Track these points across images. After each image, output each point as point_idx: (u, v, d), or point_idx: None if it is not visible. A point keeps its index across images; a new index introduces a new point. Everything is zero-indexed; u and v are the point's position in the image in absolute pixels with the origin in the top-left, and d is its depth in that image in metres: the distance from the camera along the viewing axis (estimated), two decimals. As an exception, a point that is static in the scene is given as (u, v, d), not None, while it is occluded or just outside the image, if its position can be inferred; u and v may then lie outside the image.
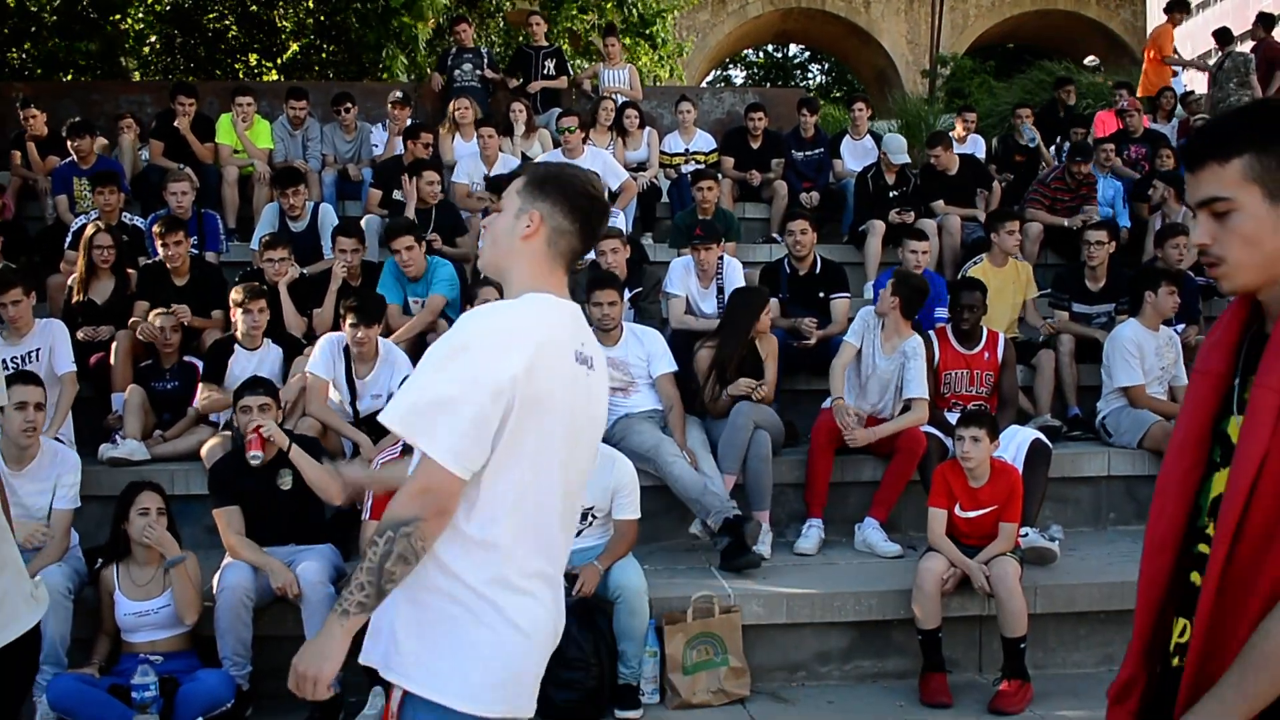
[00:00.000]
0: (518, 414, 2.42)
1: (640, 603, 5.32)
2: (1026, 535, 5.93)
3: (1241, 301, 2.09)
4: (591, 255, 8.22)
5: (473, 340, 2.42)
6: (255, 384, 5.78)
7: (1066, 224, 9.59)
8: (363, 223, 8.61)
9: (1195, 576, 2.10)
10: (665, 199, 10.73)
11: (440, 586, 2.47)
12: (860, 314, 6.94)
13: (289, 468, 5.56)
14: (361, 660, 2.58)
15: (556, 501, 2.59)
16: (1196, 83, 14.74)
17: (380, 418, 2.45)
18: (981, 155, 11.43)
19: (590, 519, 5.60)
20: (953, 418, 6.42)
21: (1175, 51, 13.41)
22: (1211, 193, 1.97)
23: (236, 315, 6.90)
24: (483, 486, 2.44)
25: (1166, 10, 13.73)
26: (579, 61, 16.67)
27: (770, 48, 34.79)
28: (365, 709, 5.20)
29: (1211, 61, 13.19)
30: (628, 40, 16.98)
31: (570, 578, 5.35)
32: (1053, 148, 11.73)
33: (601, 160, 9.59)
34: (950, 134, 11.29)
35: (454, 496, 2.39)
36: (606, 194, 8.99)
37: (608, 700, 5.32)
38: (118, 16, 17.38)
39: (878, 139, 10.90)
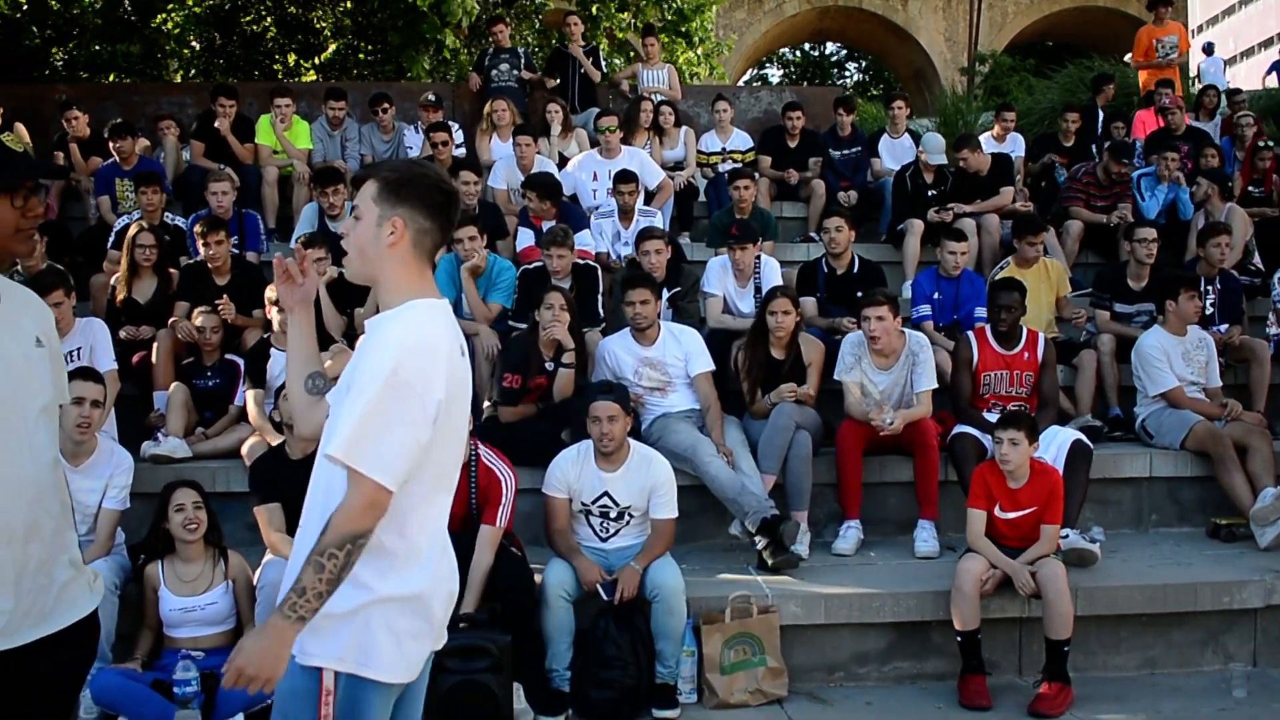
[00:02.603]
0: (438, 426, 2.66)
1: (678, 602, 5.32)
2: (1067, 537, 5.89)
3: None
4: (630, 253, 8.25)
5: (401, 367, 2.59)
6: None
7: (1106, 221, 9.51)
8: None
9: None
10: (702, 198, 10.73)
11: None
12: (842, 349, 6.88)
13: None
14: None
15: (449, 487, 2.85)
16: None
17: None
18: (1021, 154, 11.32)
19: (627, 518, 5.60)
20: (992, 418, 6.38)
21: (1157, 48, 13.13)
22: None
23: (271, 313, 6.94)
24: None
25: (1149, 7, 13.53)
26: (616, 60, 16.69)
27: (807, 46, 34.70)
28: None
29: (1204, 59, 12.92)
30: (665, 38, 16.96)
31: (608, 588, 5.38)
32: (1093, 144, 11.61)
33: (639, 159, 9.59)
34: (987, 133, 11.22)
35: (385, 508, 2.61)
36: (643, 194, 9.03)
37: (645, 700, 5.32)
38: (159, 19, 17.52)
39: (916, 138, 10.85)
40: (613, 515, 5.60)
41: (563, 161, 10.14)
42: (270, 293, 6.95)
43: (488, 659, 5.06)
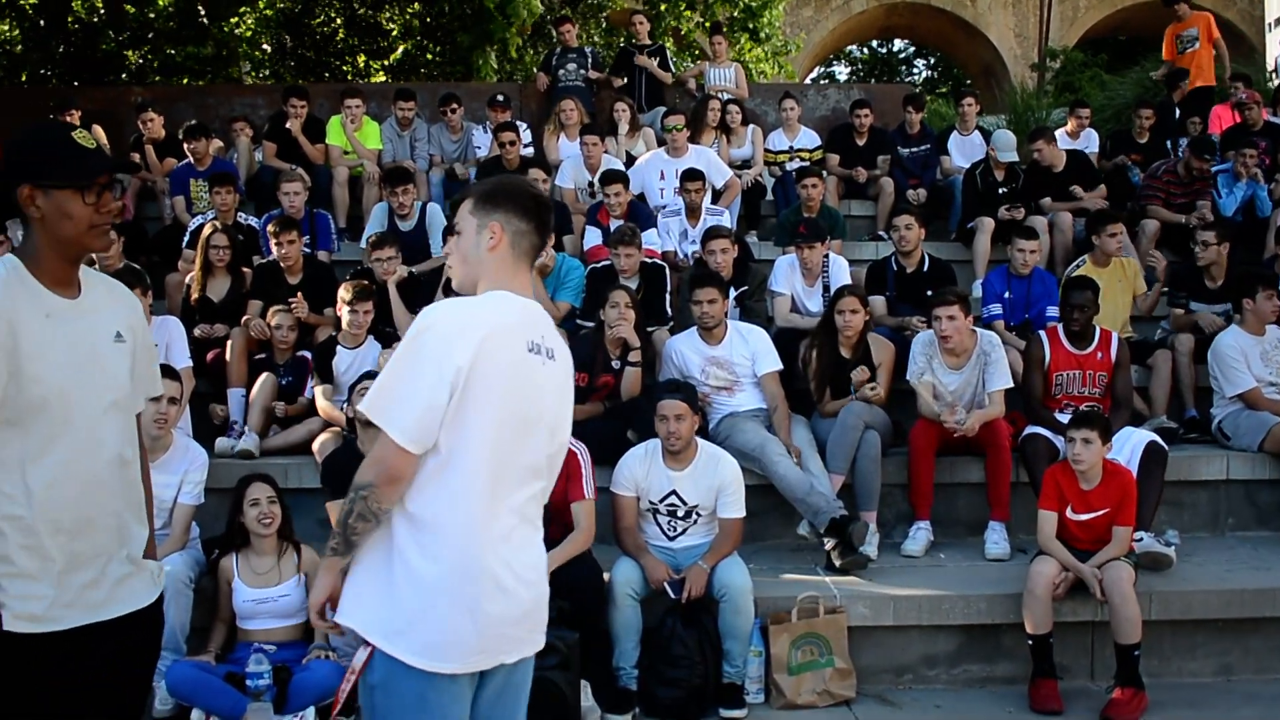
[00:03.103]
0: (460, 398, 2.73)
1: (745, 602, 5.31)
2: (1141, 540, 5.80)
3: None
4: (696, 251, 8.24)
5: (427, 334, 2.76)
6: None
7: (1185, 221, 9.34)
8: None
9: None
10: (770, 197, 10.69)
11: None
12: (913, 350, 6.83)
13: None
14: None
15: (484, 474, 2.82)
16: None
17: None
18: (1095, 151, 11.17)
19: (695, 517, 5.60)
20: (1064, 419, 6.29)
21: (1178, 44, 12.80)
22: None
23: (342, 311, 7.01)
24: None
25: (1165, 3, 13.22)
26: (682, 58, 16.68)
27: (875, 43, 34.46)
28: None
29: None
30: (732, 35, 16.92)
31: (675, 586, 5.37)
32: (1167, 141, 11.42)
33: (706, 158, 9.58)
34: (1061, 129, 11.08)
35: (405, 467, 2.75)
36: (710, 193, 9.01)
37: (712, 699, 5.31)
38: (231, 22, 17.77)
39: (986, 135, 10.75)
40: (680, 514, 5.59)
41: (629, 160, 10.15)
42: (344, 292, 7.00)
43: (556, 656, 5.07)
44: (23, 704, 2.75)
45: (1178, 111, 11.77)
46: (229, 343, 7.41)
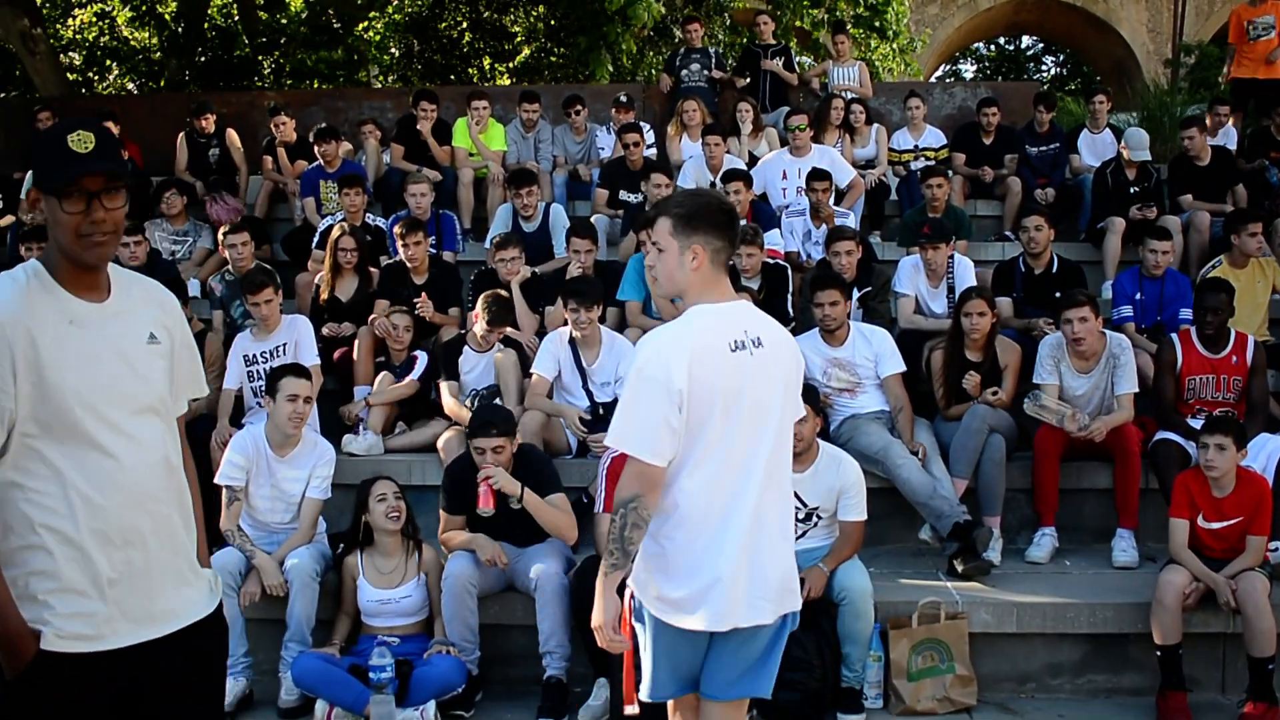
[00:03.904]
0: (689, 409, 3.18)
1: (865, 605, 5.26)
2: (1276, 550, 5.62)
3: None
4: (819, 250, 8.19)
5: (646, 364, 3.21)
6: (489, 424, 5.54)
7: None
8: (592, 221, 8.75)
9: None
10: (894, 197, 10.59)
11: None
12: (1040, 353, 6.68)
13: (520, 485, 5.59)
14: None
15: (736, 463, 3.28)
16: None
17: (605, 441, 3.38)
18: (1233, 148, 10.85)
19: (815, 519, 5.57)
20: (1196, 424, 6.13)
21: (1249, 30, 12.19)
22: None
23: (480, 318, 7.09)
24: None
25: None
26: (805, 57, 16.58)
27: (1002, 40, 33.90)
28: (590, 699, 5.30)
29: None
30: (857, 34, 16.78)
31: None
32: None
33: (829, 158, 9.52)
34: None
35: (659, 476, 3.21)
36: (834, 192, 8.94)
37: (830, 703, 5.28)
38: (362, 26, 18.13)
39: (1118, 133, 10.51)
40: (800, 516, 5.56)
41: (752, 161, 10.12)
42: (482, 308, 7.02)
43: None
44: None
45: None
46: (356, 341, 7.57)
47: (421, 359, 7.35)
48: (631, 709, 3.55)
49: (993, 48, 34.90)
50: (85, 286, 2.74)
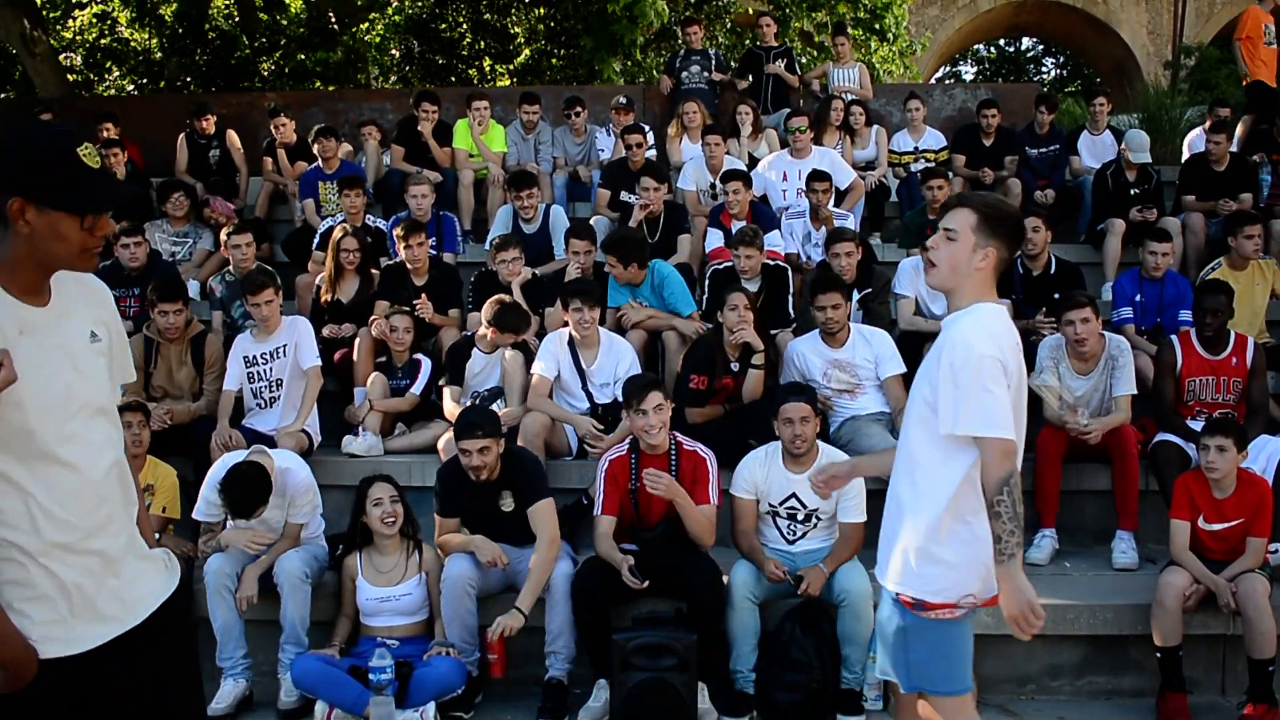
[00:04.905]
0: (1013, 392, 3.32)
1: (865, 607, 5.24)
2: (1277, 551, 5.62)
3: None
4: (818, 256, 8.18)
5: (981, 354, 3.27)
6: (474, 425, 5.49)
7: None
8: (591, 223, 8.75)
9: None
10: (894, 198, 10.60)
11: None
12: (1039, 354, 6.66)
13: (510, 489, 5.62)
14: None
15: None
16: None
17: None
18: (1234, 150, 10.82)
19: (815, 521, 5.57)
20: (1196, 426, 6.13)
21: (1265, 32, 12.09)
22: None
23: (489, 332, 7.04)
24: None
25: None
26: (808, 59, 16.59)
27: (1002, 42, 33.90)
28: (590, 700, 5.30)
29: None
30: (857, 35, 16.78)
31: (795, 579, 5.35)
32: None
33: (829, 160, 9.51)
34: (1198, 128, 10.78)
35: (1014, 448, 3.28)
36: (834, 194, 8.93)
37: (830, 705, 5.28)
38: (362, 28, 18.13)
39: (1118, 135, 10.51)
40: (800, 518, 5.57)
41: (752, 162, 10.12)
42: (488, 314, 6.99)
43: (674, 658, 5.10)
44: None
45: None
46: (356, 342, 7.56)
47: (425, 367, 7.35)
48: None
49: (993, 49, 34.91)
50: (32, 292, 2.67)
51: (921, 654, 3.49)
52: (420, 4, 19.16)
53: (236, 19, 19.25)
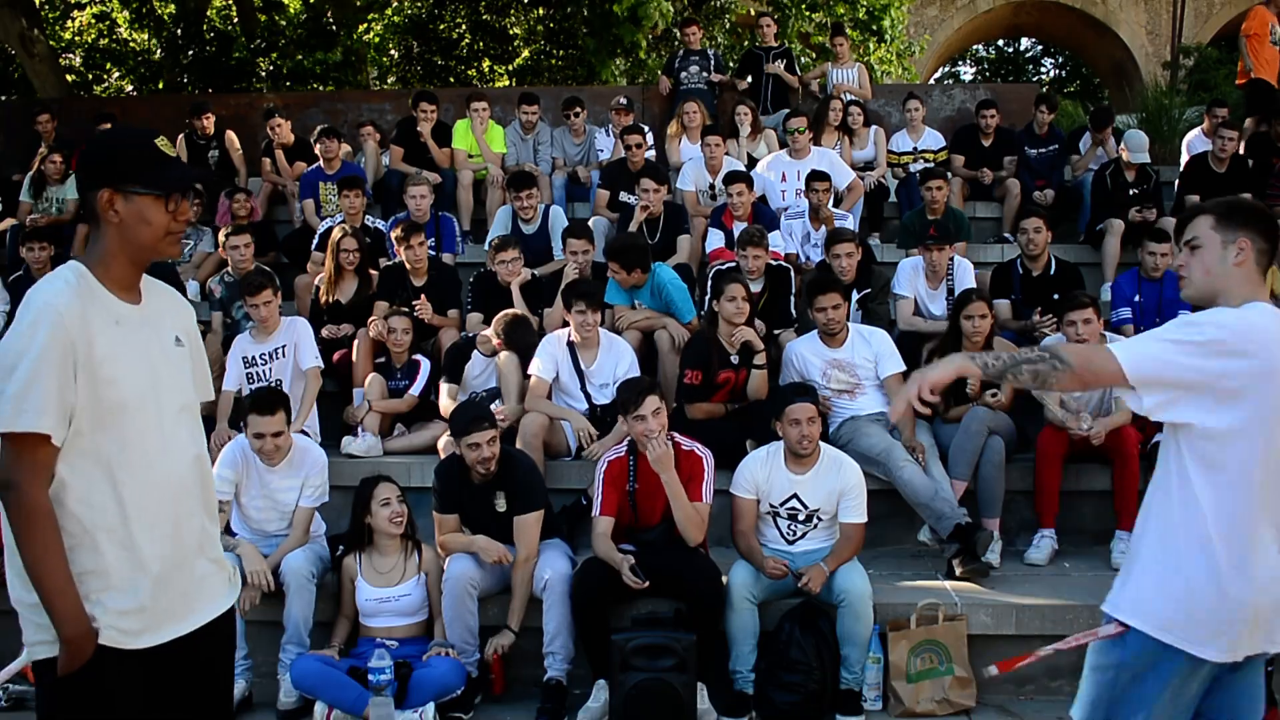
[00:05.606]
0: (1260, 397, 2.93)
1: (864, 607, 5.25)
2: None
3: None
4: (824, 257, 8.16)
5: (1223, 327, 2.93)
6: (479, 418, 5.53)
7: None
8: (590, 223, 8.75)
9: None
10: (893, 199, 10.60)
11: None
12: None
13: (504, 490, 5.61)
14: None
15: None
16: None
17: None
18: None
19: (815, 521, 5.56)
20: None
21: (1272, 30, 12.07)
22: None
23: (493, 338, 7.04)
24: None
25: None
26: (807, 59, 16.58)
27: (1001, 42, 33.91)
28: (589, 701, 5.30)
29: None
30: (856, 36, 16.77)
31: (796, 575, 5.34)
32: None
33: (828, 160, 9.51)
34: (1196, 129, 10.79)
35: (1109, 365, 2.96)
36: (833, 194, 8.93)
37: (829, 705, 5.28)
38: (361, 28, 18.11)
39: (1118, 135, 10.51)
40: (800, 518, 5.57)
41: (751, 163, 10.12)
42: (498, 325, 7.00)
43: (673, 658, 5.09)
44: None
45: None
46: (355, 343, 7.56)
47: (424, 368, 7.35)
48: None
49: (992, 50, 34.92)
50: (127, 289, 2.87)
51: None
52: (419, 5, 19.15)
53: (235, 20, 19.24)
